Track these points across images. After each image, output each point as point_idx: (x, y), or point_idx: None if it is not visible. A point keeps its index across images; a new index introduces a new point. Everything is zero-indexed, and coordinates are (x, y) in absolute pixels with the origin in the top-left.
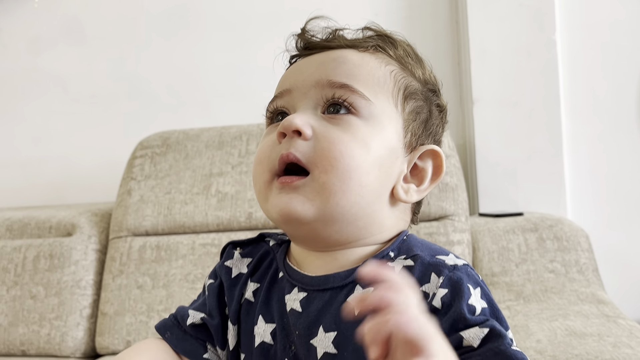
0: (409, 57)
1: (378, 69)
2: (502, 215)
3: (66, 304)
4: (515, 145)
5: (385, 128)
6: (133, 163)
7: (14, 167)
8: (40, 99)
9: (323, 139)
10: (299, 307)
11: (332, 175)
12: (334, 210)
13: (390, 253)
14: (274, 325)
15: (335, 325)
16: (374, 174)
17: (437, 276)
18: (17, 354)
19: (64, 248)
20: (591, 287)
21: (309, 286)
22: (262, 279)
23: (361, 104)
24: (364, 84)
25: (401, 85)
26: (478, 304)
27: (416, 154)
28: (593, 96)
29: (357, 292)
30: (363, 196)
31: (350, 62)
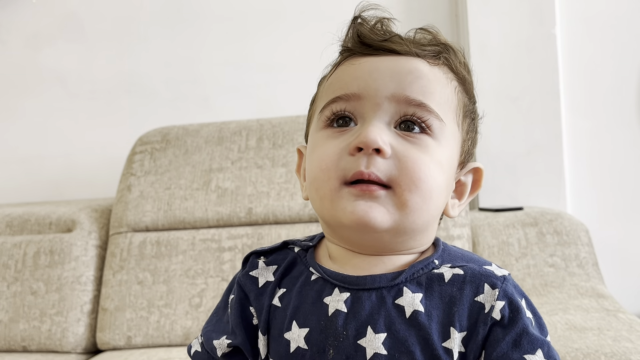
0: (465, 70)
1: (446, 86)
2: (502, 210)
3: (67, 299)
4: (515, 140)
5: (451, 149)
6: (133, 159)
7: (13, 163)
8: (39, 95)
9: (405, 159)
10: (344, 308)
11: (415, 194)
12: (409, 226)
13: (435, 261)
14: (308, 330)
15: (385, 327)
16: (444, 194)
17: (491, 288)
18: (18, 349)
19: (64, 244)
20: (591, 281)
21: (353, 286)
22: (291, 285)
23: (435, 124)
24: (437, 103)
25: (461, 104)
26: (529, 314)
27: (464, 170)
28: (593, 90)
29: (405, 294)
30: (435, 215)
31: (425, 78)
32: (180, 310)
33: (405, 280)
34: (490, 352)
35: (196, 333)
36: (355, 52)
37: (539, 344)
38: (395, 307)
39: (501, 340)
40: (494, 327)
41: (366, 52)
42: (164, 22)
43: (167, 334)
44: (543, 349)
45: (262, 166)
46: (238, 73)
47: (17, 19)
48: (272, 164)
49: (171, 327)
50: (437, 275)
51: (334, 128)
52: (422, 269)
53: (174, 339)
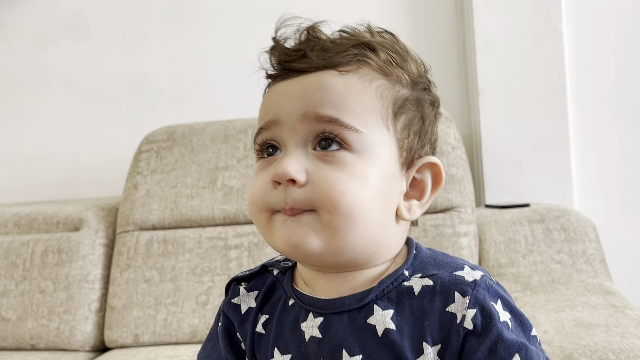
0: (392, 61)
1: (363, 92)
2: (509, 207)
3: (75, 298)
4: (521, 136)
5: (379, 157)
6: (139, 157)
7: (21, 163)
8: (45, 95)
9: (320, 182)
10: (319, 334)
11: (336, 215)
12: (340, 245)
13: (405, 272)
14: (290, 356)
15: (359, 349)
16: (377, 206)
17: (461, 296)
18: (26, 348)
19: (71, 243)
20: (598, 278)
21: (325, 310)
22: (272, 310)
23: (352, 137)
24: (351, 114)
25: (389, 103)
26: (505, 317)
27: (413, 169)
28: (600, 86)
29: (376, 313)
30: (369, 229)
31: (335, 91)
32: (187, 308)
33: (376, 298)
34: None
35: (203, 331)
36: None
37: (516, 349)
38: (367, 327)
39: (476, 350)
40: (468, 337)
41: (280, 75)
42: (168, 21)
43: (175, 332)
44: (520, 353)
45: None
46: (242, 70)
47: (23, 19)
48: None
49: (178, 325)
50: (407, 288)
51: (265, 158)
52: (391, 284)
53: (181, 337)
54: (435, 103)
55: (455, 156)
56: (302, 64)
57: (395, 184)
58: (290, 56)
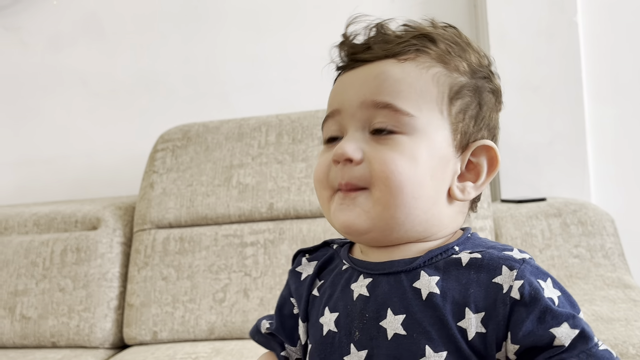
0: (452, 51)
1: (419, 78)
2: (525, 201)
3: (94, 296)
4: (537, 130)
5: (431, 138)
6: (155, 156)
7: (38, 164)
8: (61, 95)
9: (374, 161)
10: (366, 292)
11: (385, 192)
12: (389, 222)
13: (455, 247)
14: (337, 314)
15: (403, 309)
16: (427, 184)
17: (509, 269)
18: (47, 345)
19: (89, 241)
20: (617, 272)
21: (374, 271)
22: (328, 276)
23: (404, 121)
24: (406, 100)
25: (445, 88)
26: (554, 294)
27: (468, 152)
28: (616, 78)
29: (422, 277)
30: (417, 207)
31: (391, 78)
32: (204, 305)
33: (423, 265)
34: (516, 332)
35: (220, 328)
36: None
37: (564, 318)
38: (412, 289)
39: (525, 320)
40: (515, 307)
41: (347, 66)
42: (181, 20)
43: (192, 329)
44: (569, 321)
45: (282, 161)
46: (255, 69)
47: (38, 21)
48: (292, 159)
49: (196, 322)
50: (455, 259)
51: (328, 144)
52: (440, 255)
53: (199, 334)
54: (496, 92)
55: None
56: (366, 55)
57: (449, 165)
58: (357, 49)
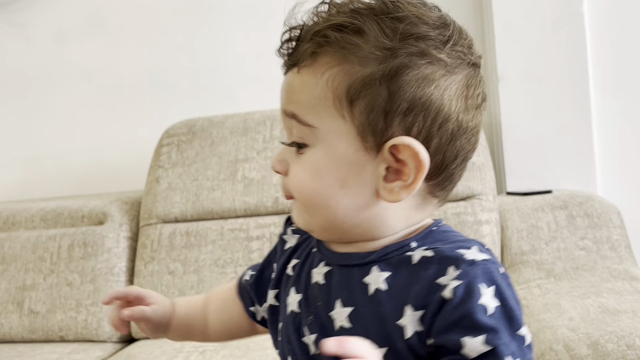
0: (351, 41)
1: (316, 85)
2: (531, 194)
3: (101, 290)
4: (542, 122)
5: (335, 148)
6: (160, 151)
7: (44, 159)
8: (66, 91)
9: (290, 176)
10: (322, 280)
11: (301, 203)
12: (320, 225)
13: (412, 243)
14: (301, 296)
15: (351, 302)
16: (337, 194)
17: (454, 269)
18: (55, 339)
19: (96, 236)
20: (624, 264)
21: (332, 260)
22: (301, 254)
23: (307, 133)
24: (307, 111)
25: (341, 91)
26: (491, 302)
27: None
28: (622, 69)
29: (372, 272)
30: (336, 214)
31: (293, 89)
32: None
33: (377, 260)
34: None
35: None
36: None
37: (484, 331)
38: (361, 284)
39: (444, 319)
40: (444, 305)
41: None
42: (186, 15)
43: None
44: (487, 336)
45: None
46: (259, 63)
47: (43, 17)
48: None
49: None
50: (407, 257)
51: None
52: (395, 251)
53: None
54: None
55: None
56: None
57: (364, 170)
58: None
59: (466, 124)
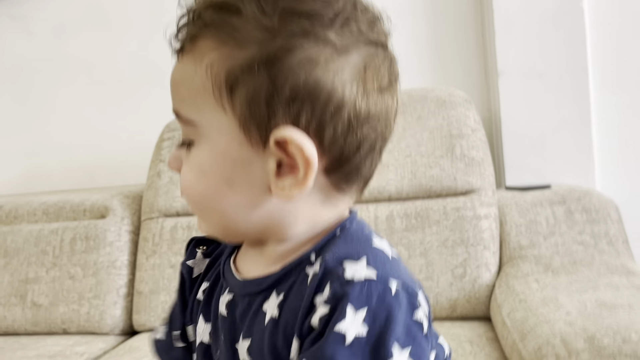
0: (231, 18)
1: (195, 74)
2: (529, 188)
3: (103, 283)
4: (542, 117)
5: (217, 144)
6: (161, 145)
7: (45, 153)
8: (67, 85)
9: (180, 176)
10: (225, 311)
11: (191, 204)
12: (216, 228)
13: (312, 256)
14: (210, 325)
15: (249, 333)
16: (224, 194)
17: (329, 288)
18: (58, 332)
19: (98, 230)
20: (621, 258)
21: (234, 289)
22: (211, 278)
23: (190, 131)
24: (187, 105)
25: (221, 79)
26: (353, 329)
27: (271, 144)
28: (622, 65)
29: (271, 299)
30: (226, 216)
31: (175, 82)
32: None
33: (278, 282)
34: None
35: None
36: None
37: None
38: (261, 312)
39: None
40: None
41: None
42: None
43: None
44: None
45: None
46: None
47: (43, 10)
48: None
49: None
50: (303, 275)
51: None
52: (294, 269)
53: None
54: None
55: (475, 138)
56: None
57: (253, 165)
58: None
59: (367, 111)
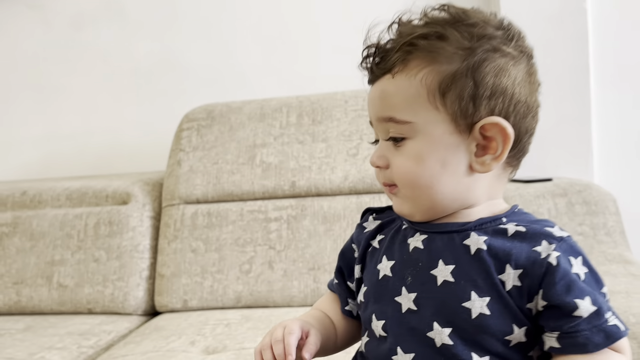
0: (437, 46)
1: (410, 86)
2: (532, 181)
3: (126, 266)
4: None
5: (432, 135)
6: (180, 135)
7: (62, 139)
8: (84, 73)
9: (392, 167)
10: (421, 245)
11: (407, 189)
12: (423, 207)
13: (503, 219)
14: (394, 262)
15: (453, 260)
16: (438, 172)
17: (548, 243)
18: (84, 312)
19: (121, 215)
20: (618, 249)
21: (430, 229)
22: (388, 232)
23: (406, 128)
24: (402, 110)
25: (435, 87)
26: (581, 270)
27: (475, 132)
28: (621, 63)
29: (472, 237)
30: (439, 192)
31: (389, 95)
32: (231, 275)
33: (474, 228)
34: (547, 291)
35: (247, 297)
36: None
37: (587, 293)
38: (462, 246)
39: (556, 284)
40: (549, 271)
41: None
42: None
43: (221, 298)
44: (591, 297)
45: (303, 141)
46: (274, 50)
47: (61, 0)
48: (312, 140)
49: (224, 291)
50: (502, 229)
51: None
52: (489, 223)
53: (227, 302)
54: (506, 54)
55: None
56: (372, 76)
57: (459, 149)
58: (366, 68)
59: (531, 105)
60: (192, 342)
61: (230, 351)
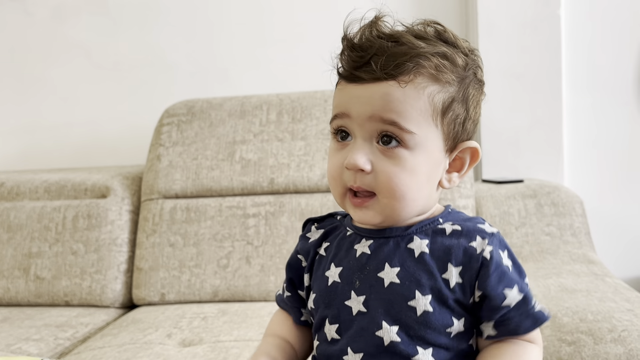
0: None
1: (418, 99)
2: (504, 182)
3: (104, 259)
4: (519, 115)
5: (428, 150)
6: (161, 130)
7: (41, 131)
8: (64, 65)
9: (381, 174)
10: (368, 250)
11: (392, 199)
12: (396, 216)
13: (440, 219)
14: (342, 268)
15: (399, 263)
16: (424, 187)
17: (481, 238)
18: (61, 304)
19: (100, 209)
20: (583, 249)
21: (376, 235)
22: (333, 240)
23: (407, 137)
24: (408, 119)
25: (438, 105)
26: (508, 263)
27: (456, 151)
28: (593, 69)
29: (415, 240)
30: (416, 204)
31: (396, 100)
32: (209, 270)
33: (416, 231)
34: (482, 282)
35: (224, 291)
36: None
37: (514, 282)
38: (407, 250)
39: (490, 276)
40: (484, 264)
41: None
42: None
43: (198, 291)
44: (518, 286)
45: (283, 139)
46: (256, 47)
47: None
48: (291, 137)
49: (201, 285)
50: (440, 229)
51: (339, 142)
52: (428, 225)
53: (204, 296)
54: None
55: None
56: (368, 75)
57: (440, 165)
58: (357, 63)
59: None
60: (168, 334)
61: (206, 344)
